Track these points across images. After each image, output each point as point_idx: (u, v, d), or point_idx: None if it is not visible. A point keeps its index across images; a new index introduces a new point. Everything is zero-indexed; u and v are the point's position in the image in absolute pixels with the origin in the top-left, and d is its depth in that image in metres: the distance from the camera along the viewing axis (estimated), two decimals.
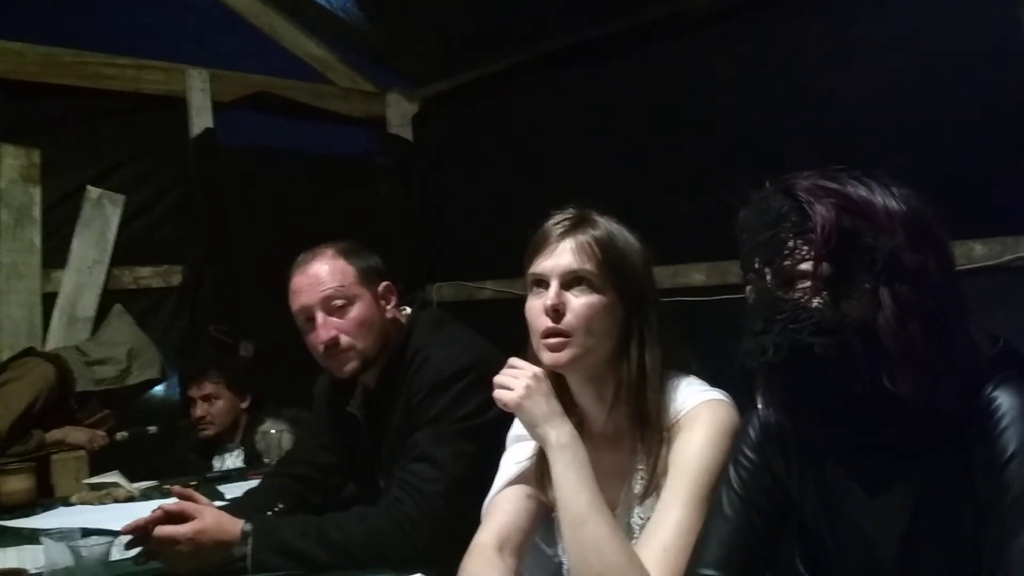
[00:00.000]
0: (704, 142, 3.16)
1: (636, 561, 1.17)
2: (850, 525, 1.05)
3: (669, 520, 1.19)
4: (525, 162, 3.84)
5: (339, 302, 1.75)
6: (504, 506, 1.37)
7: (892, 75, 2.61)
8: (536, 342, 1.32)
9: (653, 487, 1.27)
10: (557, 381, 1.34)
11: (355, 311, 1.75)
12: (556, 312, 1.28)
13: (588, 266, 1.29)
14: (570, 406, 1.36)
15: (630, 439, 1.32)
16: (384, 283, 1.83)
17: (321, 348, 1.75)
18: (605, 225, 1.34)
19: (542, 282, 1.32)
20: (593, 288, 1.29)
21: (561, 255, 1.30)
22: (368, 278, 1.80)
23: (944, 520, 0.98)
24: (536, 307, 1.31)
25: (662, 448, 1.27)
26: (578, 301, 1.29)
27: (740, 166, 2.81)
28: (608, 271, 1.29)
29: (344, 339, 1.74)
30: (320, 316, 1.74)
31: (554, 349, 1.29)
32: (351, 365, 1.77)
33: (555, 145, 3.69)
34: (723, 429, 1.24)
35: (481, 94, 4.17)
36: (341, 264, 1.77)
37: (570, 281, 1.30)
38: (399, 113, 4.50)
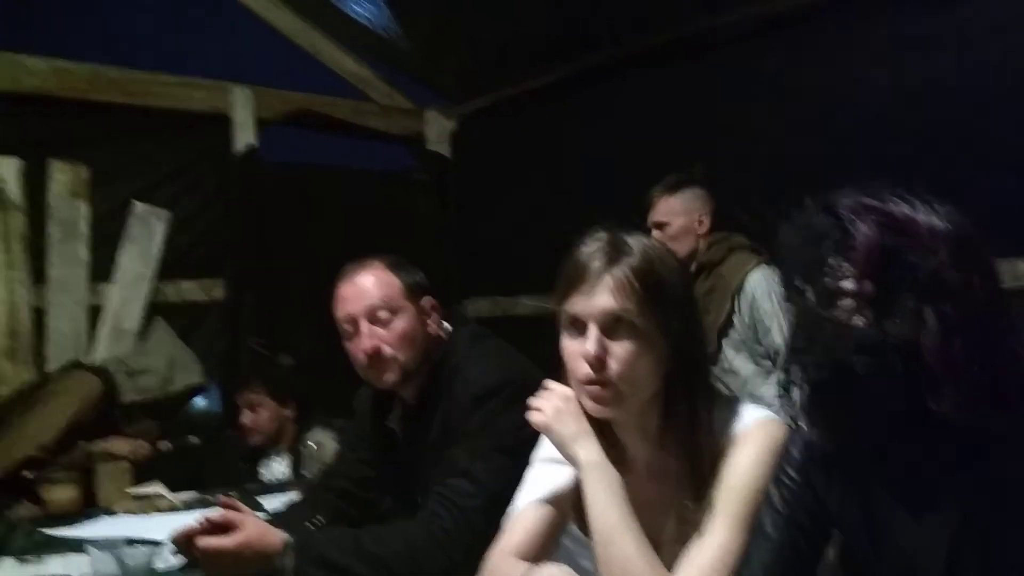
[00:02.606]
0: (741, 159, 3.15)
1: None
2: (894, 545, 1.03)
3: (711, 541, 1.17)
4: (561, 178, 3.86)
5: (384, 314, 1.76)
6: (524, 524, 1.34)
7: (938, 90, 2.59)
8: (576, 387, 1.26)
9: (701, 525, 1.20)
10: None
11: (399, 323, 1.77)
12: (598, 360, 1.20)
13: (629, 305, 1.20)
14: (612, 439, 1.32)
15: (677, 475, 1.26)
16: (428, 299, 1.85)
17: (363, 357, 1.77)
18: (640, 249, 1.24)
19: (578, 322, 1.24)
20: (634, 329, 1.20)
21: (599, 295, 1.21)
22: (414, 292, 1.82)
23: (990, 541, 0.96)
24: (574, 351, 1.24)
25: (711, 484, 1.21)
26: (620, 348, 1.20)
27: (779, 183, 2.80)
28: (649, 305, 1.21)
29: (386, 350, 1.76)
30: (364, 326, 1.76)
31: (597, 399, 1.23)
32: (390, 376, 1.79)
33: (591, 161, 3.71)
34: (774, 448, 1.18)
35: (518, 111, 4.20)
36: (389, 276, 1.79)
37: (610, 323, 1.21)
38: (437, 130, 4.55)
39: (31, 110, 3.35)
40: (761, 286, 2.57)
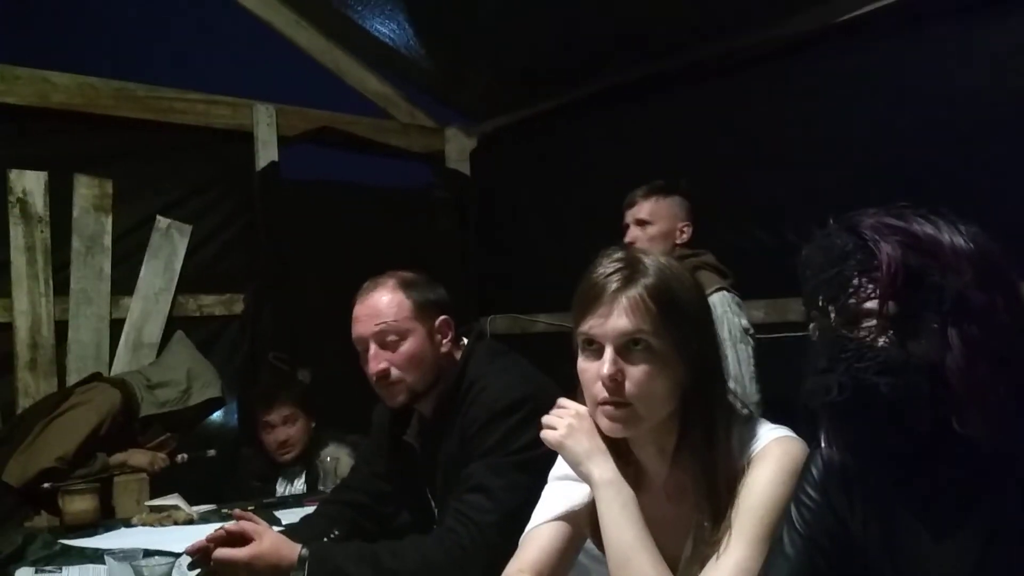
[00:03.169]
0: (762, 178, 3.15)
1: None
2: (916, 569, 1.02)
3: (728, 561, 1.15)
4: (580, 197, 3.87)
5: (392, 337, 1.77)
6: (540, 541, 1.34)
7: (961, 111, 2.59)
8: (592, 407, 1.26)
9: (719, 544, 1.19)
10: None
11: (407, 346, 1.77)
12: (614, 381, 1.20)
13: (644, 325, 1.20)
14: (628, 457, 1.32)
15: (693, 493, 1.25)
16: (442, 317, 1.85)
17: (373, 378, 1.79)
18: (656, 269, 1.24)
19: (595, 343, 1.24)
20: (651, 350, 1.20)
21: (615, 317, 1.21)
22: (425, 312, 1.81)
23: (1014, 564, 0.95)
24: (591, 372, 1.24)
25: (729, 503, 1.20)
26: (637, 369, 1.20)
27: (799, 202, 2.80)
28: (665, 325, 1.20)
29: (394, 372, 1.77)
30: (373, 348, 1.77)
31: (614, 420, 1.23)
32: (399, 398, 1.81)
33: (611, 180, 3.70)
34: (792, 466, 1.18)
35: (537, 130, 4.22)
36: (399, 297, 1.79)
37: (626, 344, 1.21)
38: (457, 148, 4.58)
39: (57, 125, 3.40)
40: (715, 311, 2.52)
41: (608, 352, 1.21)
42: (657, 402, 1.22)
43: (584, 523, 1.34)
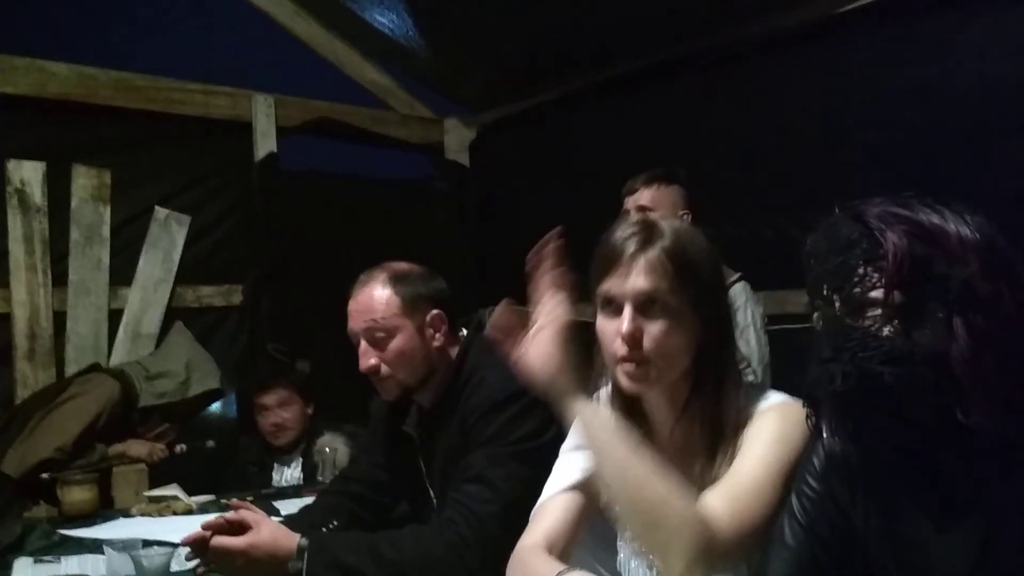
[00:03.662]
0: (761, 171, 3.15)
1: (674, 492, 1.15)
2: (917, 559, 1.02)
3: (742, 471, 1.18)
4: (580, 188, 3.86)
5: (380, 334, 1.77)
6: (553, 512, 1.35)
7: (962, 104, 2.58)
8: (611, 365, 1.30)
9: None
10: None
11: (395, 343, 1.77)
12: (633, 338, 1.24)
13: (662, 285, 1.24)
14: (641, 416, 1.35)
15: (701, 450, 1.29)
16: (434, 312, 1.83)
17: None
18: (672, 231, 1.28)
19: (614, 302, 1.28)
20: (668, 308, 1.24)
21: (634, 276, 1.25)
22: (415, 307, 1.80)
23: (1015, 555, 0.95)
24: (610, 331, 1.27)
25: (733, 455, 1.24)
26: (655, 327, 1.24)
27: (800, 196, 2.79)
28: (681, 285, 1.25)
29: (383, 369, 1.78)
30: (363, 344, 1.78)
31: (633, 377, 1.26)
32: (390, 393, 1.82)
33: (611, 172, 3.69)
34: (795, 423, 1.19)
35: (537, 121, 4.21)
36: (387, 294, 1.78)
37: (644, 303, 1.25)
38: (456, 139, 4.57)
39: (56, 115, 3.39)
40: (739, 299, 2.55)
41: (627, 310, 1.25)
42: (674, 358, 1.26)
43: (596, 491, 1.34)
